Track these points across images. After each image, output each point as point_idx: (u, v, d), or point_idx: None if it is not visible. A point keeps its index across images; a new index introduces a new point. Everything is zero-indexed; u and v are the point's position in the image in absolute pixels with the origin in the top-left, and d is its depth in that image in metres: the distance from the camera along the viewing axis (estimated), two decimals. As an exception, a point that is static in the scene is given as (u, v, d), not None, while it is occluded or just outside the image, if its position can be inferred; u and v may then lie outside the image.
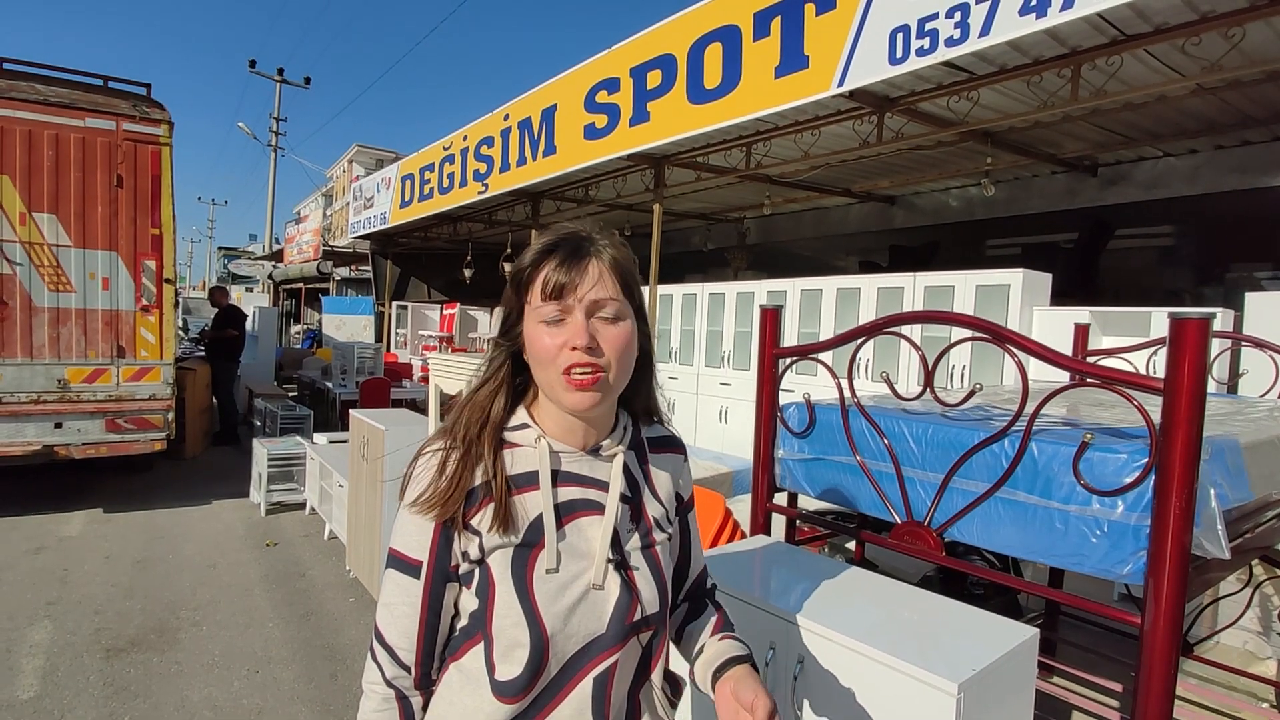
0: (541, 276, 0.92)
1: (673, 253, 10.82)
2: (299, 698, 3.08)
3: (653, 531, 1.04)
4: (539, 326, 0.92)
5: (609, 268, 0.94)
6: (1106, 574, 1.55)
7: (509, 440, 0.99)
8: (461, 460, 0.94)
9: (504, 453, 0.97)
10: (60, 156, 5.55)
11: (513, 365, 1.00)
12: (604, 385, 0.92)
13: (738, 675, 1.00)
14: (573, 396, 0.91)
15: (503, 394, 0.99)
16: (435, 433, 1.03)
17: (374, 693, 0.96)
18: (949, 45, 3.69)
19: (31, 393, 5.45)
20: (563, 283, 0.91)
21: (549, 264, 0.93)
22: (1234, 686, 3.16)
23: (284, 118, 22.25)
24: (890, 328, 1.99)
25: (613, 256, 0.96)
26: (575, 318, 0.91)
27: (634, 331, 0.95)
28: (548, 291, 0.91)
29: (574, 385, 0.90)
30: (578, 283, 0.91)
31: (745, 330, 6.95)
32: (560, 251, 0.93)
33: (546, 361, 0.92)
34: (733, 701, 0.96)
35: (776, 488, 2.37)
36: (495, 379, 1.00)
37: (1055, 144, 5.85)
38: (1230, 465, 1.66)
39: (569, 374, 0.90)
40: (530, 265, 0.94)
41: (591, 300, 0.91)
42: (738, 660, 1.04)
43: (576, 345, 0.90)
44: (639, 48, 5.68)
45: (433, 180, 9.70)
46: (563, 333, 0.91)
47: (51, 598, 3.97)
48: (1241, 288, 5.32)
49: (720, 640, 1.10)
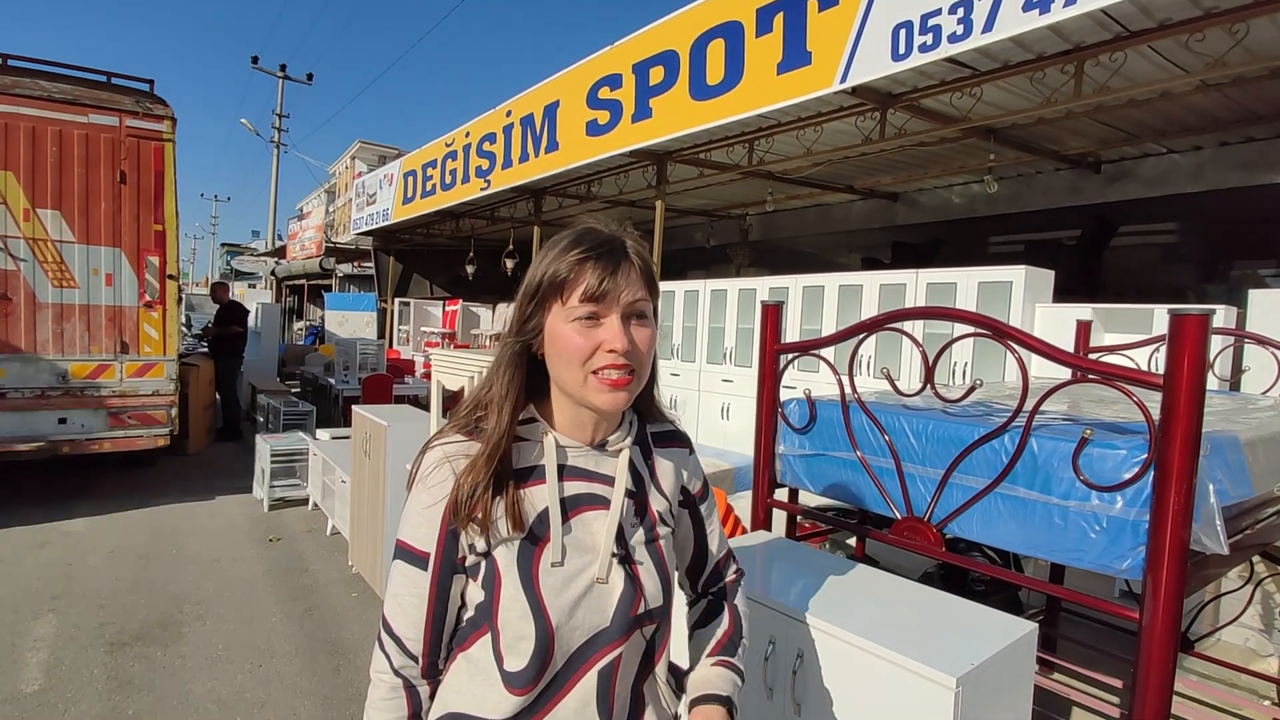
0: (584, 281, 0.92)
1: (675, 249, 10.82)
2: (302, 691, 3.10)
3: (656, 526, 1.05)
4: (570, 325, 0.93)
5: (639, 270, 0.96)
6: (1105, 569, 1.55)
7: (517, 434, 0.99)
8: (483, 478, 0.94)
9: (511, 447, 0.98)
10: (64, 152, 5.57)
11: (526, 361, 1.00)
12: (634, 386, 0.95)
13: (708, 715, 1.02)
14: (604, 396, 0.93)
15: (516, 392, 0.99)
16: (446, 426, 1.03)
17: (381, 681, 0.98)
18: (952, 41, 3.68)
19: (36, 388, 5.47)
20: (606, 288, 0.92)
21: (590, 268, 0.93)
22: (1235, 684, 3.16)
23: (287, 114, 22.25)
24: (892, 323, 1.99)
25: (642, 258, 0.98)
26: (612, 320, 0.92)
27: (656, 332, 0.98)
28: (589, 294, 0.92)
29: (608, 385, 0.92)
30: (621, 287, 0.93)
31: (747, 327, 6.94)
32: (602, 257, 0.93)
33: (576, 361, 0.93)
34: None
35: (777, 483, 2.38)
36: (509, 377, 0.99)
37: (1058, 140, 5.84)
38: (1230, 461, 1.66)
39: (600, 374, 0.92)
40: (570, 269, 0.93)
41: (628, 303, 0.93)
42: (717, 700, 1.04)
43: (615, 348, 0.91)
44: (641, 44, 5.67)
45: (435, 177, 9.71)
46: (597, 334, 0.92)
47: (55, 592, 3.99)
48: (1245, 285, 5.30)
49: (713, 665, 1.10)
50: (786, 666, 1.51)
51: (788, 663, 1.50)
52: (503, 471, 0.95)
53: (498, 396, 0.98)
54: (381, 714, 0.97)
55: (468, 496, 0.93)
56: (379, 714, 0.97)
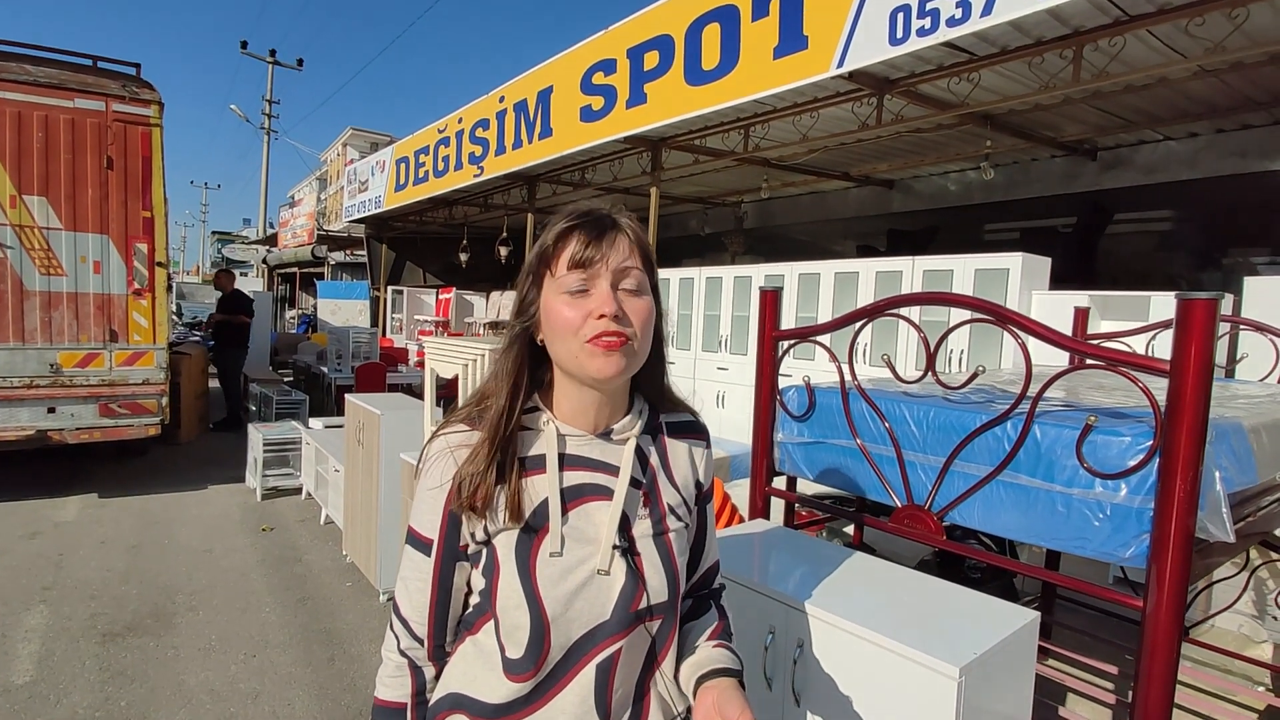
0: (569, 248, 0.93)
1: (670, 237, 10.77)
2: (296, 681, 3.08)
3: (666, 518, 1.02)
4: (560, 298, 0.92)
5: (633, 241, 0.95)
6: (1108, 557, 1.54)
7: (521, 424, 0.99)
8: (483, 465, 0.94)
9: (516, 434, 0.98)
10: (49, 138, 5.47)
11: (530, 351, 0.99)
12: (630, 351, 0.92)
13: (723, 686, 0.98)
14: (597, 361, 0.91)
15: (516, 377, 0.98)
16: (451, 416, 1.02)
17: (389, 660, 1.02)
18: (950, 25, 3.65)
19: (24, 377, 5.41)
20: (590, 254, 0.91)
21: (575, 235, 0.93)
22: (1229, 670, 3.17)
23: (277, 100, 22.05)
24: (892, 309, 1.97)
25: (635, 232, 0.97)
26: (601, 286, 0.91)
27: (653, 308, 0.96)
28: (575, 260, 0.91)
29: (601, 348, 0.90)
30: (606, 253, 0.92)
31: (743, 314, 6.92)
32: (587, 225, 0.93)
33: (569, 333, 0.91)
34: (714, 712, 0.95)
35: (776, 471, 2.36)
36: (511, 363, 0.98)
37: (1055, 127, 5.81)
38: (1236, 448, 1.65)
39: (595, 341, 0.90)
40: (556, 238, 0.94)
41: (617, 267, 0.92)
42: (727, 673, 1.02)
43: (605, 313, 0.90)
44: (636, 28, 5.61)
45: (428, 163, 9.62)
46: (587, 303, 0.91)
47: (46, 583, 3.96)
48: (1240, 273, 5.30)
49: (715, 647, 1.07)
50: (787, 656, 1.49)
51: (788, 652, 1.49)
52: (504, 460, 0.94)
53: (499, 383, 0.98)
54: (388, 690, 1.01)
55: (468, 484, 0.93)
56: (385, 690, 1.01)
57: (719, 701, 0.95)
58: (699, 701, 0.98)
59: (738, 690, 0.99)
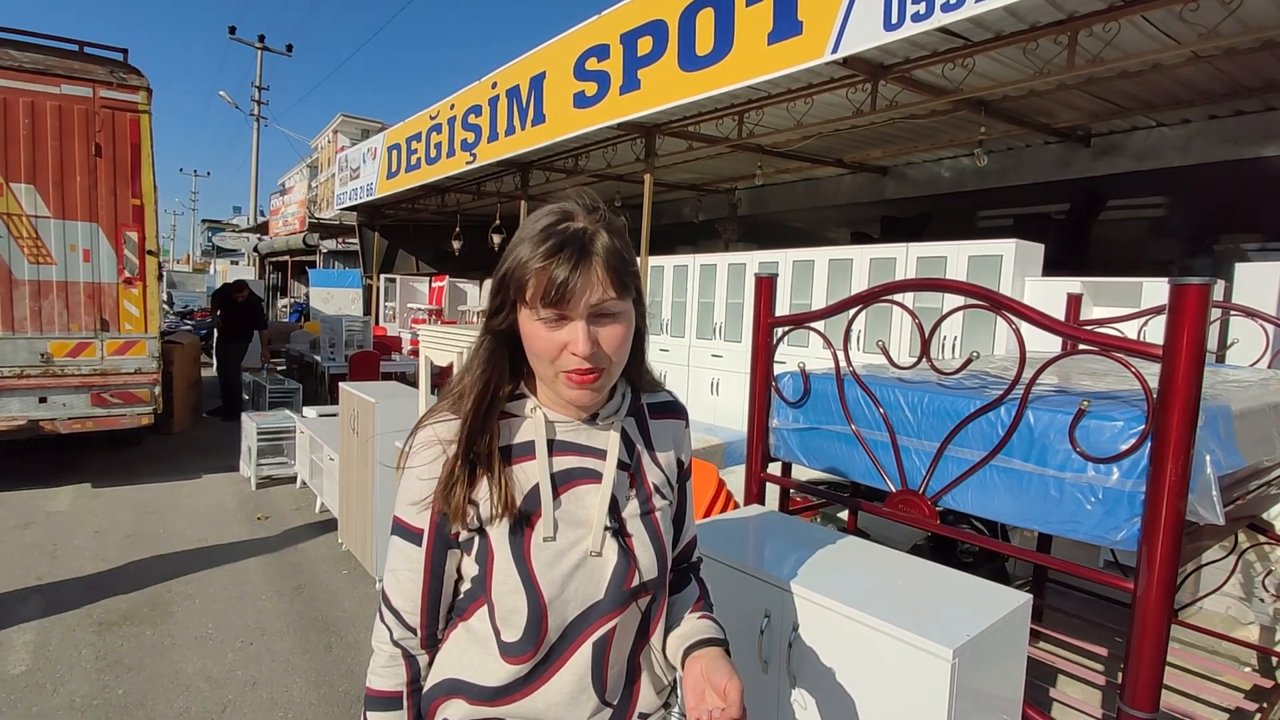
0: (543, 284, 0.88)
1: (663, 224, 10.74)
2: (293, 669, 3.09)
3: (652, 498, 1.04)
4: (536, 324, 0.91)
5: (609, 265, 0.90)
6: (1101, 540, 1.56)
7: (506, 410, 1.00)
8: (457, 469, 0.95)
9: (501, 424, 0.99)
10: (36, 125, 5.41)
11: (508, 343, 0.98)
12: (603, 382, 0.94)
13: (710, 655, 1.01)
14: (572, 393, 0.94)
15: (497, 376, 0.98)
16: (436, 404, 1.03)
17: (381, 650, 1.02)
18: (945, 10, 3.63)
19: (15, 367, 5.38)
20: (563, 294, 0.88)
21: (548, 270, 0.88)
22: (1217, 651, 3.22)
23: (266, 86, 21.86)
24: (887, 295, 1.97)
25: (612, 250, 0.91)
26: (575, 324, 0.89)
27: (631, 323, 0.94)
28: (549, 299, 0.88)
29: (573, 383, 0.92)
30: (579, 290, 0.88)
31: (737, 302, 6.92)
32: (560, 257, 0.88)
33: (544, 359, 0.92)
34: (702, 680, 0.97)
35: (771, 457, 2.37)
36: (488, 362, 0.98)
37: (1049, 113, 5.81)
38: (1223, 432, 1.67)
39: (569, 376, 0.92)
40: (531, 271, 0.89)
41: (591, 306, 0.89)
42: (713, 642, 1.04)
43: (577, 352, 0.89)
44: (630, 13, 5.56)
45: (420, 150, 9.55)
46: (561, 335, 0.90)
47: (41, 573, 3.95)
48: (1231, 259, 5.33)
49: (699, 619, 1.10)
50: (782, 639, 1.51)
51: (783, 635, 1.50)
52: (479, 455, 0.95)
53: (469, 385, 0.98)
54: (381, 680, 1.02)
55: (444, 486, 0.95)
56: (379, 680, 1.02)
57: (707, 670, 0.97)
58: (687, 670, 1.00)
59: (724, 658, 1.01)
